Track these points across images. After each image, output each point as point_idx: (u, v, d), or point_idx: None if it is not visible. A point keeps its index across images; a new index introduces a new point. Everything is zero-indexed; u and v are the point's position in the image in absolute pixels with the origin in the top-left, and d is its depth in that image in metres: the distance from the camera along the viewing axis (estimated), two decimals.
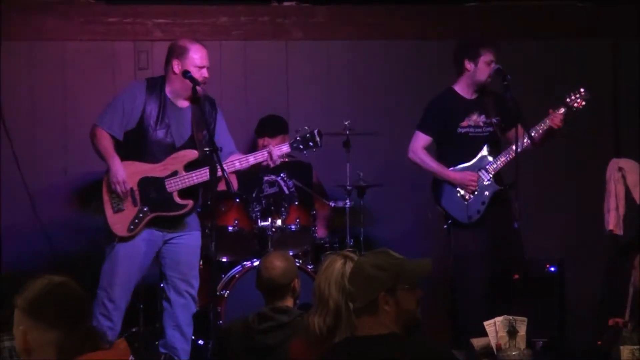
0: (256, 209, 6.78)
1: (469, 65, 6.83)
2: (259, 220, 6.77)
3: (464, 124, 6.86)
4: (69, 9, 7.66)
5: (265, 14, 7.90)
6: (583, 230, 7.67)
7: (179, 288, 6.35)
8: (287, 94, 7.84)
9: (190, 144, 6.29)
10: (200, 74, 6.22)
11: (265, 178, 7.06)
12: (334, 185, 7.28)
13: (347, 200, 7.03)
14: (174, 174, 6.24)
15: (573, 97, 6.75)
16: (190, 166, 6.24)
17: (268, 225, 6.75)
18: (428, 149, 6.94)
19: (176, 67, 6.23)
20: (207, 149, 6.14)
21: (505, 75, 6.66)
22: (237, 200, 6.79)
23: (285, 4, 7.91)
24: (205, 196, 6.37)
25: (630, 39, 8.00)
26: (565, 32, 8.02)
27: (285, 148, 6.37)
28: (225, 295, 6.54)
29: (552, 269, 7.47)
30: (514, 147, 6.57)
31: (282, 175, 7.01)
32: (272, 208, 6.78)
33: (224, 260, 6.85)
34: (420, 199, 7.33)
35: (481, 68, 6.81)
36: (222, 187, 6.47)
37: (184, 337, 6.34)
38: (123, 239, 6.17)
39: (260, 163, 6.30)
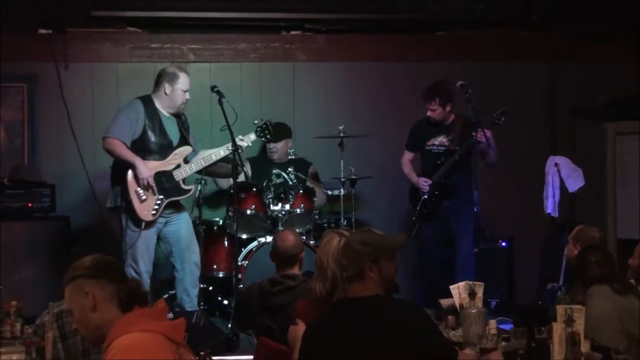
0: (269, 196, 6.78)
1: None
2: (271, 205, 6.77)
3: (430, 142, 7.00)
4: (121, 37, 7.68)
5: (277, 41, 7.90)
6: (528, 213, 7.66)
7: (184, 258, 6.33)
8: (293, 105, 7.82)
9: (183, 142, 6.35)
10: (183, 97, 6.29)
11: (274, 171, 7.10)
12: (331, 177, 7.26)
13: (341, 189, 7.06)
14: (178, 166, 6.29)
15: (494, 117, 6.83)
16: (186, 159, 6.37)
17: (278, 209, 6.76)
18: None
19: (167, 89, 6.27)
20: (230, 148, 6.21)
21: (467, 89, 6.70)
22: (254, 189, 6.80)
23: (292, 33, 7.90)
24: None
25: (565, 62, 8.01)
26: (514, 55, 8.01)
27: (253, 136, 6.46)
28: (245, 265, 6.52)
29: (504, 244, 7.53)
30: (455, 157, 6.81)
31: (289, 169, 7.04)
32: (282, 195, 6.78)
33: (244, 237, 6.82)
34: (398, 188, 7.37)
35: (429, 111, 6.97)
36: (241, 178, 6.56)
37: (189, 298, 6.34)
38: (147, 224, 6.19)
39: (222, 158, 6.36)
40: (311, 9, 7.61)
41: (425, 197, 6.92)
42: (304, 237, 6.50)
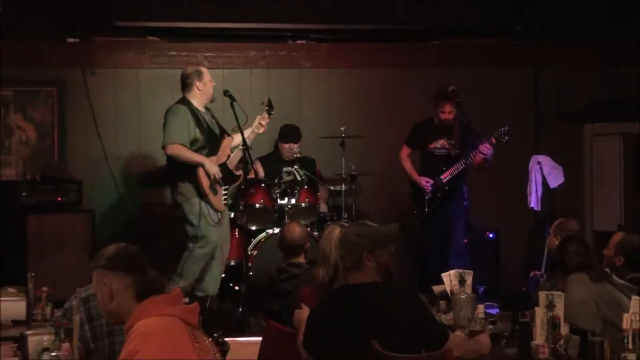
0: (276, 191, 6.78)
1: (436, 109, 6.87)
2: (279, 200, 6.77)
3: (432, 145, 6.92)
4: (142, 45, 7.69)
5: (283, 49, 7.89)
6: (513, 207, 7.66)
7: (223, 245, 6.31)
8: (299, 108, 7.82)
9: (222, 131, 6.34)
10: (212, 85, 6.27)
11: (284, 169, 7.09)
12: (333, 174, 7.28)
13: (343, 185, 7.06)
14: (228, 157, 6.29)
15: (499, 134, 6.70)
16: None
17: (285, 203, 6.75)
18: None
19: (199, 85, 6.24)
20: (242, 147, 6.21)
21: (458, 94, 6.68)
22: (263, 185, 6.80)
23: (298, 42, 7.89)
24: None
25: (548, 69, 8.01)
26: (502, 62, 8.00)
27: (266, 115, 6.41)
28: (254, 254, 6.53)
29: (491, 235, 7.52)
30: (461, 162, 6.73)
31: (295, 166, 7.03)
32: (288, 191, 6.77)
33: (253, 228, 6.80)
34: (395, 184, 7.37)
35: (439, 113, 6.84)
36: (251, 175, 6.56)
37: (217, 283, 6.32)
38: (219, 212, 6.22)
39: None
40: (315, 20, 7.60)
41: (429, 196, 6.86)
42: (309, 229, 6.51)
